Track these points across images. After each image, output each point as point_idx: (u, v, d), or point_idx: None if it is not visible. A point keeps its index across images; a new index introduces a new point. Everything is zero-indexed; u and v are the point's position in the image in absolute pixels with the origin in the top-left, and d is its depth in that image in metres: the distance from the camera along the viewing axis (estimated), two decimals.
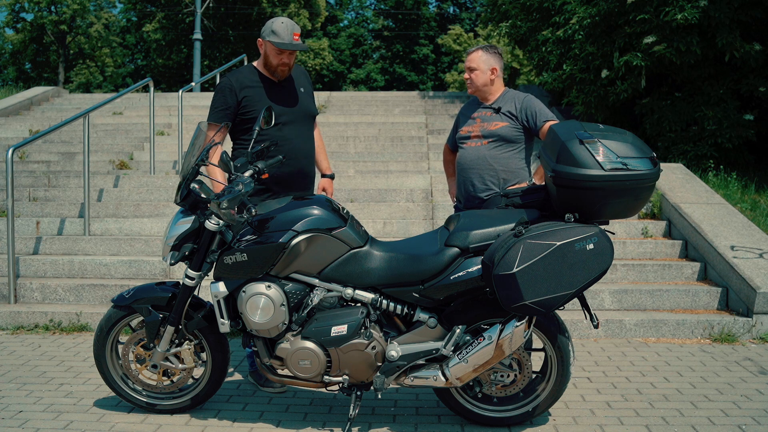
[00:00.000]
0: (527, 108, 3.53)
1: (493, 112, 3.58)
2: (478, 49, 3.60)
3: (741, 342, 4.55)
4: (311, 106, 3.68)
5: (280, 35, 3.41)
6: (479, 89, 3.60)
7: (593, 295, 4.95)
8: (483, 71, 3.56)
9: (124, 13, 37.99)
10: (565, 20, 8.90)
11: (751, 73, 7.86)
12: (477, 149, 3.57)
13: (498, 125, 3.54)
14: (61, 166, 8.08)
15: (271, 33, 3.43)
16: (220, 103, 3.49)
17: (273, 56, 3.47)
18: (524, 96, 3.60)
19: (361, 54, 42.56)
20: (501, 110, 3.56)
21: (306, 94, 3.66)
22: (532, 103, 3.56)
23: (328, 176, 3.87)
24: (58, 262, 5.54)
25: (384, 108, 11.64)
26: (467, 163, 3.61)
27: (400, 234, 6.08)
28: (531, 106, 3.54)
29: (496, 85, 3.62)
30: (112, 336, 3.22)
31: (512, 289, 2.64)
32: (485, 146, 3.56)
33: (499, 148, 3.54)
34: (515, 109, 3.55)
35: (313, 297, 2.95)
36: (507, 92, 3.63)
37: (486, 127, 3.57)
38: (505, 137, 3.54)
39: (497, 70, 3.58)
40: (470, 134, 3.61)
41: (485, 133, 3.56)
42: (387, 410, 3.35)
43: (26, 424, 3.15)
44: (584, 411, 3.33)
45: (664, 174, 6.28)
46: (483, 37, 30.03)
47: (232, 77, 3.53)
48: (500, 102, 3.59)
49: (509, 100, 3.59)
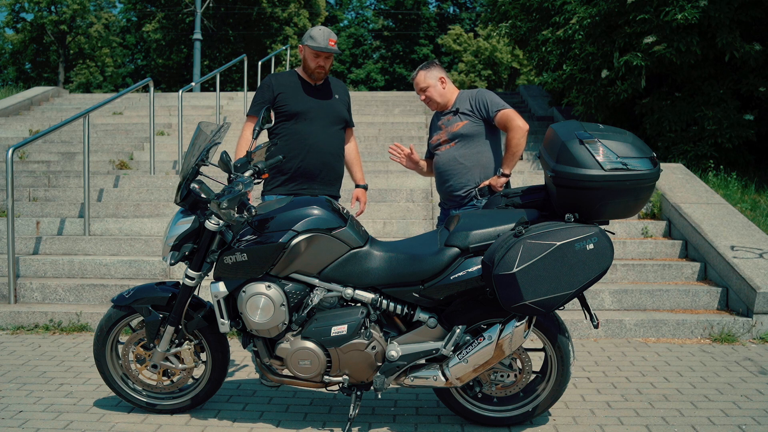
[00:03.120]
0: (479, 101, 3.73)
1: (452, 114, 3.80)
2: (419, 71, 3.83)
3: (741, 342, 4.55)
4: (343, 111, 3.95)
5: (317, 40, 3.74)
6: (439, 102, 3.82)
7: (593, 295, 4.95)
8: (433, 85, 3.78)
9: (124, 13, 37.98)
10: (565, 20, 8.89)
11: (751, 73, 7.85)
12: (447, 152, 3.78)
13: (459, 125, 3.73)
14: (61, 166, 8.08)
15: (309, 38, 3.77)
16: (258, 98, 3.84)
17: (311, 59, 3.78)
18: (476, 91, 3.81)
19: (361, 54, 42.56)
20: (459, 110, 3.77)
21: (340, 101, 3.94)
22: (483, 95, 3.75)
23: (362, 186, 4.16)
24: (58, 262, 5.54)
25: (384, 108, 11.64)
26: (441, 167, 3.80)
27: (400, 234, 6.08)
28: (482, 99, 3.73)
29: (449, 90, 3.82)
30: (112, 336, 3.22)
31: (512, 289, 2.64)
32: (453, 148, 3.75)
33: (465, 147, 3.72)
34: (470, 105, 3.75)
35: (313, 297, 2.95)
36: (461, 93, 3.85)
37: (450, 130, 3.77)
38: (468, 134, 3.72)
39: (444, 78, 3.81)
40: (439, 141, 3.83)
41: (450, 136, 3.76)
42: (387, 410, 3.35)
43: (26, 424, 3.15)
44: (584, 411, 3.33)
45: (664, 174, 6.28)
46: (483, 37, 30.11)
47: (273, 77, 3.88)
48: (457, 104, 3.81)
49: (464, 99, 3.79)
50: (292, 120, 3.75)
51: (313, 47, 3.72)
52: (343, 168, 3.99)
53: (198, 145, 3.06)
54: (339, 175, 3.95)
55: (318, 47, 3.72)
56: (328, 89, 3.91)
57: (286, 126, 3.76)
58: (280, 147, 3.71)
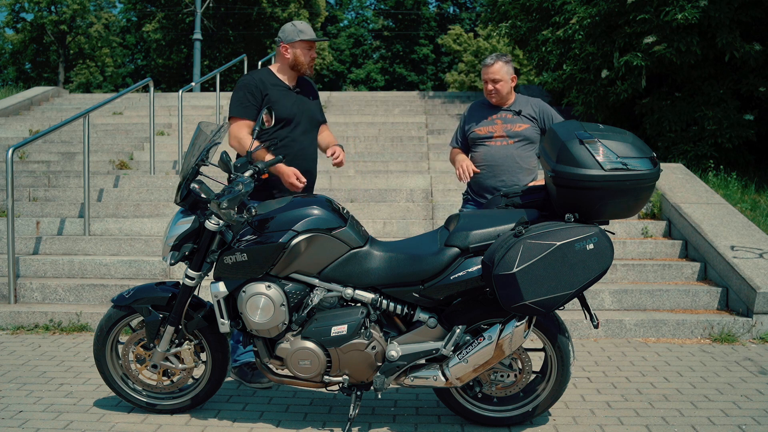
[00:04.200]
0: (544, 112, 3.89)
1: (513, 114, 3.87)
2: (497, 60, 3.85)
3: (741, 342, 4.55)
4: (318, 114, 3.87)
5: (307, 32, 3.67)
6: (503, 97, 3.88)
7: (593, 295, 4.95)
8: (506, 81, 3.84)
9: (124, 13, 37.99)
10: (565, 20, 8.90)
11: (751, 73, 7.86)
12: (505, 148, 3.84)
13: (522, 126, 3.85)
14: (61, 166, 8.08)
15: (300, 32, 3.66)
16: (245, 98, 3.60)
17: (305, 53, 3.67)
18: (537, 100, 3.96)
19: (361, 54, 42.56)
20: (522, 113, 3.85)
21: (315, 104, 3.85)
22: (548, 108, 3.93)
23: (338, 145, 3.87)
24: (58, 262, 5.54)
25: (384, 108, 11.64)
26: (495, 161, 3.85)
27: (400, 234, 6.08)
28: (547, 111, 3.91)
29: (512, 90, 3.93)
30: (112, 336, 3.22)
31: (512, 289, 2.64)
32: (512, 145, 3.84)
33: (523, 148, 3.85)
34: (534, 112, 3.88)
35: (313, 297, 2.95)
36: (519, 97, 3.95)
37: (510, 128, 3.85)
38: (529, 137, 3.86)
39: (515, 78, 3.91)
40: (493, 134, 3.87)
41: (510, 134, 3.85)
42: (387, 410, 3.35)
43: (26, 424, 3.15)
44: (584, 411, 3.33)
45: (664, 174, 6.28)
46: (483, 37, 30.08)
47: (255, 75, 3.69)
48: (518, 105, 3.90)
49: (524, 103, 3.91)
50: (276, 125, 3.58)
51: (310, 39, 3.64)
52: (316, 171, 3.88)
53: (198, 145, 3.06)
54: (315, 180, 3.85)
55: (312, 38, 3.65)
56: (306, 91, 3.80)
57: (268, 131, 3.58)
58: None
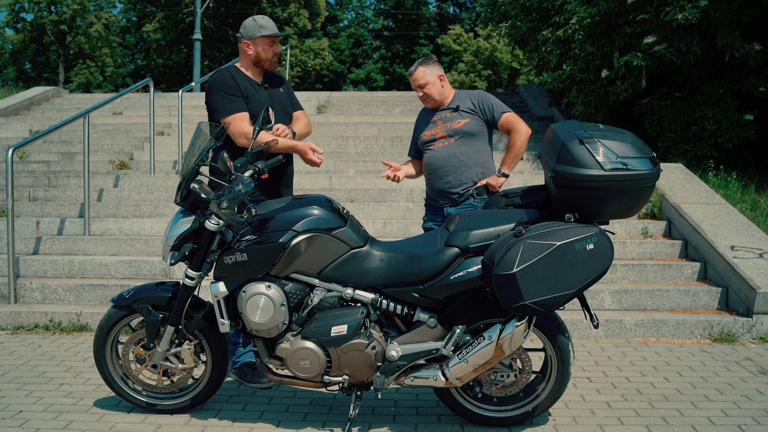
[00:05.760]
0: (483, 102, 3.74)
1: (452, 111, 3.76)
2: (418, 66, 3.79)
3: (741, 342, 4.55)
4: (289, 105, 3.81)
5: (269, 28, 3.62)
6: (436, 100, 3.79)
7: (593, 295, 4.95)
8: (432, 83, 3.74)
9: (124, 13, 37.97)
10: (565, 20, 8.89)
11: (751, 73, 7.85)
12: (446, 148, 3.74)
13: (461, 122, 3.71)
14: (61, 166, 8.08)
15: (261, 28, 3.60)
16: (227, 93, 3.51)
17: (266, 49, 3.62)
18: (477, 92, 3.82)
19: (361, 54, 42.56)
20: (460, 108, 3.75)
21: (284, 93, 3.80)
22: (487, 97, 3.76)
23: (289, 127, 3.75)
24: (58, 262, 5.54)
25: (384, 108, 11.64)
26: (438, 162, 3.75)
27: (400, 234, 6.08)
28: (486, 100, 3.74)
29: (447, 89, 3.81)
30: (112, 336, 3.22)
31: (512, 289, 2.64)
32: (453, 144, 3.72)
33: (466, 144, 3.71)
34: (473, 104, 3.74)
35: (313, 297, 2.95)
36: (459, 92, 3.86)
37: (450, 126, 3.73)
38: (470, 132, 3.71)
39: (443, 76, 3.78)
40: (435, 136, 3.78)
41: (450, 132, 3.72)
42: (387, 410, 3.35)
43: (26, 424, 3.15)
44: (584, 411, 3.33)
45: (664, 174, 6.28)
46: (483, 37, 30.09)
47: (224, 71, 3.62)
48: (456, 101, 3.79)
49: (464, 98, 3.78)
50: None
51: (268, 35, 3.59)
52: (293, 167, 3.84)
53: (198, 145, 3.06)
54: (292, 176, 3.82)
55: (273, 33, 3.61)
56: (273, 84, 3.74)
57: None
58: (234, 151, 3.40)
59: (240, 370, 3.63)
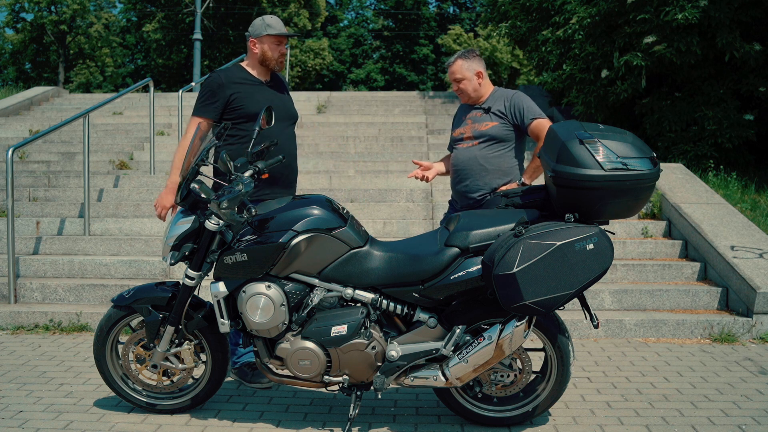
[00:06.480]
0: (515, 105, 3.55)
1: (483, 112, 3.61)
2: (457, 59, 3.62)
3: (741, 342, 4.55)
4: (293, 108, 3.82)
5: (276, 27, 3.62)
6: (471, 96, 3.63)
7: (593, 295, 4.95)
8: (469, 79, 3.60)
9: (124, 13, 37.98)
10: (565, 20, 8.90)
11: (751, 73, 7.86)
12: (469, 150, 3.60)
13: (488, 125, 3.56)
14: (61, 166, 8.08)
15: (267, 27, 3.61)
16: (207, 97, 3.57)
17: (273, 49, 3.63)
18: (513, 93, 3.61)
19: (361, 54, 42.56)
20: (491, 110, 3.58)
21: (288, 98, 3.81)
22: (520, 100, 3.56)
23: None
24: (58, 262, 5.54)
25: (384, 108, 11.64)
26: (459, 165, 3.64)
27: (400, 234, 6.08)
28: (518, 104, 3.54)
29: (485, 86, 3.65)
30: (112, 336, 3.22)
31: (512, 289, 2.64)
32: (476, 147, 3.58)
33: (489, 148, 3.56)
34: (504, 107, 3.56)
35: (313, 297, 2.95)
36: (496, 91, 3.65)
37: (477, 127, 3.59)
38: (496, 137, 3.55)
39: (482, 73, 3.62)
40: (462, 135, 3.65)
41: (476, 134, 3.59)
42: (387, 410, 3.35)
43: (26, 424, 3.15)
44: (584, 411, 3.33)
45: (664, 174, 6.28)
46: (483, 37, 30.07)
47: (221, 73, 3.64)
48: (490, 102, 3.62)
49: (498, 98, 3.60)
50: (250, 122, 3.48)
51: (275, 34, 3.59)
52: (297, 167, 3.84)
53: (198, 145, 3.05)
54: (296, 175, 3.82)
55: (279, 32, 3.60)
56: (279, 85, 3.76)
57: (245, 127, 3.50)
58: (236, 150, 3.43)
59: (240, 370, 3.63)
